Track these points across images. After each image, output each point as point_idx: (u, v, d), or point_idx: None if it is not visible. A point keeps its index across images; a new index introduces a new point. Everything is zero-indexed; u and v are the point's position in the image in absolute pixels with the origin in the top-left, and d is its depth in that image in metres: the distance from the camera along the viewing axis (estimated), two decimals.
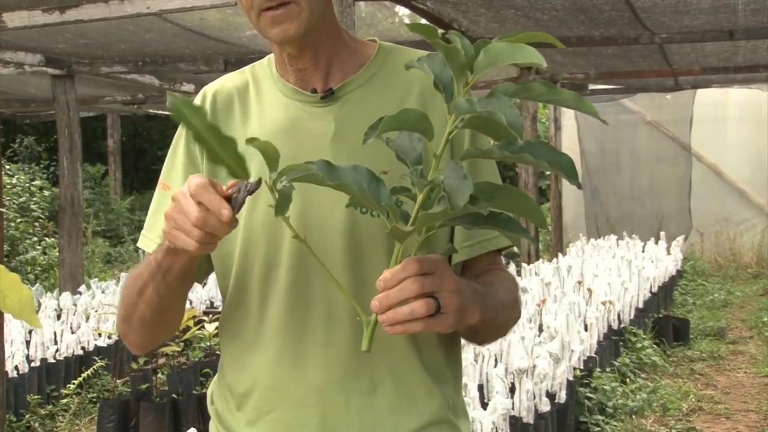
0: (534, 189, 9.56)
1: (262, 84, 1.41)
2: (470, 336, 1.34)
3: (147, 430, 4.61)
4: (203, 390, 4.93)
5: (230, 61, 7.48)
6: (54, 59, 7.52)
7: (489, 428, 3.46)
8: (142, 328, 1.37)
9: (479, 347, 4.53)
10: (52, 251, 10.24)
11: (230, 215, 1.13)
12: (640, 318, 6.98)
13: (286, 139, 1.32)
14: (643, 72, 9.67)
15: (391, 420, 1.33)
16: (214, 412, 1.44)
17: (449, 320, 1.12)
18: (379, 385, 1.32)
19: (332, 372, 1.31)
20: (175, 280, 1.29)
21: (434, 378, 1.36)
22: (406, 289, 1.08)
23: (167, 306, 1.33)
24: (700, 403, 5.55)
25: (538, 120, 10.46)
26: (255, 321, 1.35)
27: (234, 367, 1.39)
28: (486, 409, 3.60)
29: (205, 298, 7.74)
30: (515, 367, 4.12)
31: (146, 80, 8.85)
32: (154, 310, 1.33)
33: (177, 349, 4.95)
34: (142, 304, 1.32)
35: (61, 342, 5.86)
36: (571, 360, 4.86)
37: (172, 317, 1.38)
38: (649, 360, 6.30)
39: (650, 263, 8.57)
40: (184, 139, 1.42)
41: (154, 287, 1.30)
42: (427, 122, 1.09)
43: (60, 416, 5.29)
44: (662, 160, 12.48)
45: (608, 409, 4.96)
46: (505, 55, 1.06)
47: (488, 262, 1.39)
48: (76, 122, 7.85)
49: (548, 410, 4.17)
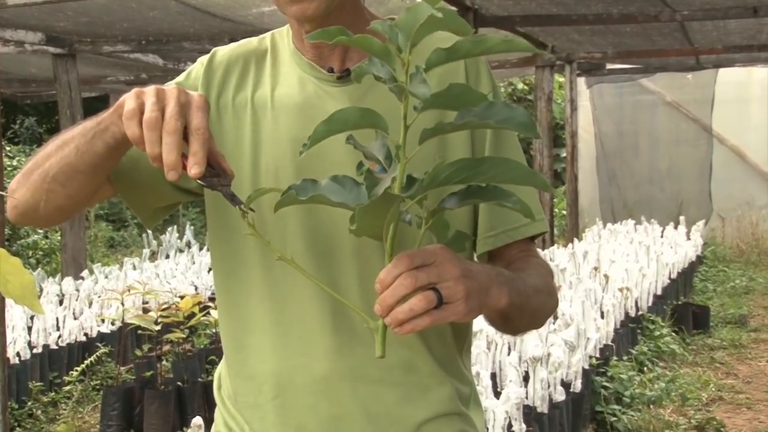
0: (549, 172, 9.55)
1: (280, 54, 1.41)
2: (503, 323, 1.31)
3: (151, 418, 4.64)
4: (209, 378, 4.95)
5: (236, 39, 7.44)
6: (55, 38, 7.52)
7: (502, 418, 3.46)
8: (38, 185, 1.29)
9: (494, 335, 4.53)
10: (53, 235, 10.28)
11: (196, 174, 1.11)
12: (659, 305, 6.97)
13: (299, 114, 1.32)
14: (664, 51, 9.61)
15: (400, 410, 1.33)
16: (220, 398, 1.44)
17: (460, 308, 1.10)
18: (388, 375, 1.32)
19: (340, 360, 1.31)
20: (105, 145, 1.22)
21: (445, 368, 1.36)
22: (400, 286, 1.07)
23: (77, 171, 1.26)
24: (720, 393, 5.55)
25: (554, 101, 10.41)
26: (258, 304, 1.34)
27: (236, 348, 1.38)
28: (499, 398, 3.61)
29: (211, 284, 7.76)
30: (529, 355, 4.13)
31: (149, 59, 8.85)
32: (61, 169, 1.26)
33: (182, 336, 4.97)
34: (55, 158, 1.27)
35: (63, 328, 5.89)
36: (587, 348, 4.86)
37: (73, 191, 1.30)
38: (667, 348, 6.29)
39: (669, 249, 8.55)
40: (186, 76, 1.42)
41: (78, 143, 1.24)
42: (373, 117, 1.07)
43: (63, 403, 5.32)
44: (682, 142, 12.42)
45: (625, 398, 4.96)
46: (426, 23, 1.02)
47: (520, 249, 1.37)
48: (78, 103, 7.87)
49: (563, 400, 4.17)
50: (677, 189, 12.31)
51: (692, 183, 12.30)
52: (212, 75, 1.40)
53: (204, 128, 1.13)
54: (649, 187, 12.56)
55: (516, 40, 1.05)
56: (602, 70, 11.56)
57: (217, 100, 1.38)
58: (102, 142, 1.22)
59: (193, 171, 1.11)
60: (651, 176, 12.60)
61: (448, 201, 1.12)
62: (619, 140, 12.76)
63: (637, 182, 12.66)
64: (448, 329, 1.36)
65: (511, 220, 1.35)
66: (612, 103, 12.85)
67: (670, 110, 12.51)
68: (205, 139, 1.12)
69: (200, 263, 8.46)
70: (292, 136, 1.32)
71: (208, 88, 1.39)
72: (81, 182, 1.29)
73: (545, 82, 9.37)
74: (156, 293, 5.84)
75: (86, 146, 1.24)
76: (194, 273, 8.19)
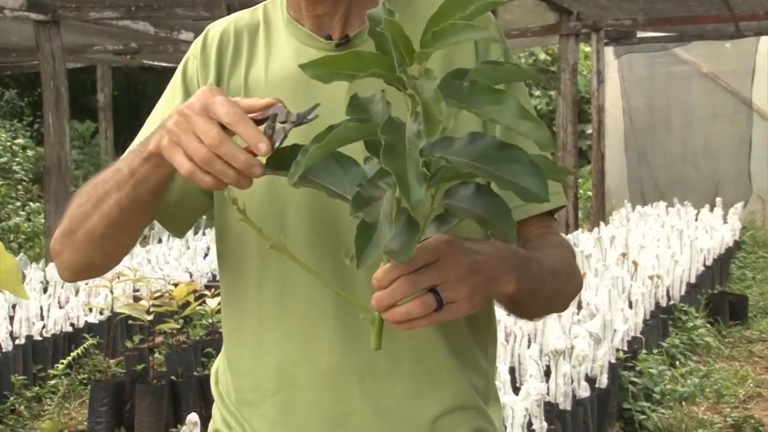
0: (573, 150, 9.53)
1: (274, 26, 1.41)
2: (512, 308, 1.31)
3: (143, 414, 4.67)
4: (205, 371, 4.98)
5: (233, 5, 7.45)
6: (37, 3, 7.52)
7: (521, 415, 3.47)
8: (87, 246, 1.34)
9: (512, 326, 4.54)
10: (37, 218, 10.32)
11: (267, 149, 1.11)
12: (692, 294, 6.96)
13: (297, 87, 1.32)
14: (700, 17, 9.55)
15: (410, 405, 1.33)
16: (218, 393, 1.45)
17: (462, 308, 1.11)
18: (398, 367, 1.32)
19: (345, 351, 1.31)
20: (148, 192, 1.26)
21: (461, 360, 1.36)
22: (397, 291, 1.08)
23: (125, 224, 1.31)
24: (759, 389, 5.55)
25: (579, 73, 10.38)
26: (256, 291, 1.35)
27: (235, 342, 1.40)
28: (518, 394, 3.62)
29: (207, 271, 7.79)
30: (551, 348, 4.13)
31: (140, 27, 8.85)
32: (108, 226, 1.30)
33: (176, 326, 4.99)
34: (97, 216, 1.30)
35: (48, 318, 5.92)
36: (614, 341, 4.86)
37: (125, 240, 1.36)
38: (701, 341, 6.29)
39: (704, 233, 8.53)
40: (183, 75, 1.42)
41: (117, 198, 1.27)
42: (371, 129, 1.05)
43: (48, 398, 5.35)
44: (719, 117, 12.37)
45: (655, 395, 4.97)
46: None
47: (537, 226, 1.37)
48: (63, 74, 7.87)
49: (587, 396, 4.18)
50: (713, 168, 12.27)
51: (730, 162, 12.25)
52: (207, 60, 1.42)
53: (232, 112, 1.12)
54: (683, 167, 12.52)
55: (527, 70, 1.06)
56: (632, 38, 11.50)
57: (216, 85, 1.40)
58: (146, 190, 1.25)
59: (262, 150, 1.11)
60: (684, 154, 12.56)
61: (456, 193, 1.11)
62: (650, 115, 12.71)
63: (669, 161, 12.62)
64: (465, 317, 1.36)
65: None
66: (642, 74, 12.80)
67: (707, 82, 12.46)
68: (241, 118, 1.12)
69: (195, 248, 8.47)
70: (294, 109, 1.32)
71: (207, 76, 1.41)
72: (131, 230, 1.35)
73: (570, 52, 9.33)
74: (148, 280, 5.85)
75: (128, 199, 1.27)
76: (189, 258, 8.20)
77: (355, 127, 1.05)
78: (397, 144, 1.01)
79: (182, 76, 1.44)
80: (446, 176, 1.08)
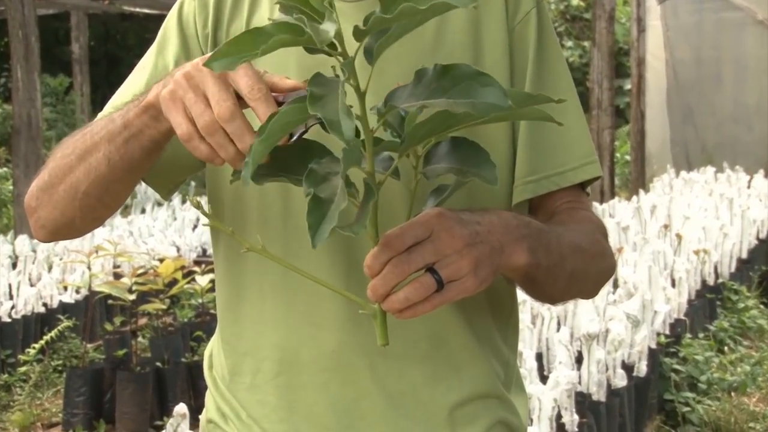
0: (610, 108, 9.50)
1: None
2: (530, 288, 1.31)
3: (125, 405, 4.69)
4: (194, 357, 5.01)
5: None
6: None
7: (550, 406, 3.49)
8: (67, 202, 1.34)
9: (539, 307, 4.54)
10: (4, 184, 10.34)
11: (284, 141, 1.11)
12: (744, 271, 6.96)
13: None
14: None
15: (427, 391, 1.34)
16: (211, 378, 1.46)
17: (468, 284, 1.11)
18: (413, 348, 1.33)
19: (354, 330, 1.32)
20: (141, 150, 1.26)
21: (482, 342, 1.37)
22: (390, 274, 1.08)
23: (113, 182, 1.31)
24: None
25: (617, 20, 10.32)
26: (256, 262, 1.35)
27: (232, 320, 1.40)
28: (546, 383, 3.63)
29: (196, 245, 7.82)
30: (583, 331, 4.14)
31: None
32: (93, 182, 1.30)
33: (161, 307, 5.01)
34: (82, 170, 1.30)
35: (17, 297, 5.95)
36: (654, 323, 4.87)
37: (110, 201, 1.36)
38: (753, 324, 6.29)
39: (757, 202, 8.51)
40: (179, 16, 1.42)
41: (106, 152, 1.27)
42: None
43: (18, 387, 5.39)
44: None
45: (700, 384, 4.98)
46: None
47: (566, 198, 1.36)
48: (33, 21, 7.86)
49: (624, 385, 4.19)
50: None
51: None
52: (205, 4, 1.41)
53: (257, 87, 1.11)
54: (734, 127, 12.46)
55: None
56: None
57: (213, 37, 1.40)
58: (139, 147, 1.25)
59: None
60: (736, 114, 12.50)
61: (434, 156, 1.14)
62: (696, 69, 12.64)
63: (718, 121, 12.56)
64: (486, 295, 1.35)
65: (557, 163, 1.34)
66: (689, 22, 12.72)
67: (762, 31, 12.37)
68: (264, 96, 1.11)
69: (183, 219, 8.50)
70: (297, 62, 1.32)
71: (205, 19, 1.41)
72: (118, 190, 1.34)
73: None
74: (130, 255, 5.87)
75: (119, 154, 1.26)
76: (176, 231, 8.23)
77: (293, 110, 1.06)
78: (326, 94, 1.03)
79: (178, 17, 1.44)
80: (417, 137, 1.09)
